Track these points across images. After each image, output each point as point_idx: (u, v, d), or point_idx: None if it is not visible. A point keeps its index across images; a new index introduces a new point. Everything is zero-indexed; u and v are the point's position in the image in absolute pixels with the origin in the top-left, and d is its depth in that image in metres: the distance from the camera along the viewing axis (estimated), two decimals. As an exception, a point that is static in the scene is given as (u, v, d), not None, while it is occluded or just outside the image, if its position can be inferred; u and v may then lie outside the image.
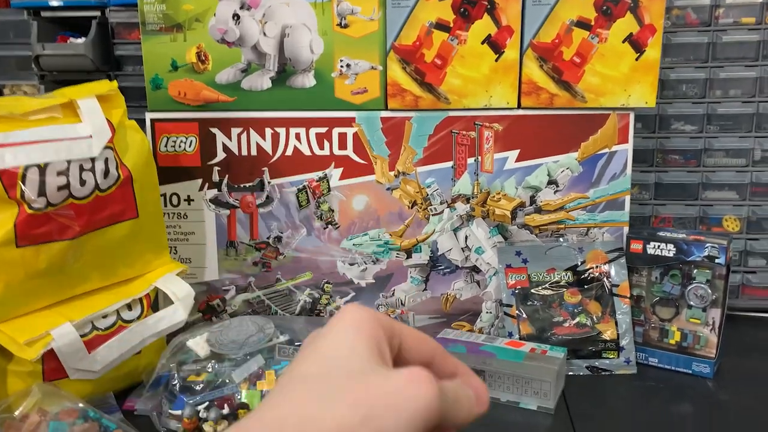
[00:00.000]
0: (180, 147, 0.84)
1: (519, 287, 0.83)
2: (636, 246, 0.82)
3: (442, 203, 0.85)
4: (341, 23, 0.81)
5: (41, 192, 0.63)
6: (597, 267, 0.83)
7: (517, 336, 0.81)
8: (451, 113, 0.82)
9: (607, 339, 0.80)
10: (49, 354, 0.65)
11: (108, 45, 0.96)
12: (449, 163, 0.84)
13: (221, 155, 0.84)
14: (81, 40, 0.94)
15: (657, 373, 0.81)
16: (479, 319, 0.87)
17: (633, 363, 0.80)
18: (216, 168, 0.84)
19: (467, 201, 0.85)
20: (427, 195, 0.84)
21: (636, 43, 0.79)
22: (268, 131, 0.83)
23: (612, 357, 0.80)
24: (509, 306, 0.83)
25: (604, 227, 0.85)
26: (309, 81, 0.82)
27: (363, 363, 0.29)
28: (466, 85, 0.81)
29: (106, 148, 0.68)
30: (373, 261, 0.86)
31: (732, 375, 0.79)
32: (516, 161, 0.83)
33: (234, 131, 0.84)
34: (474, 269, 0.86)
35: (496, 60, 0.80)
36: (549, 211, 0.84)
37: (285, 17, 0.81)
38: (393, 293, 0.87)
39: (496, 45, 0.80)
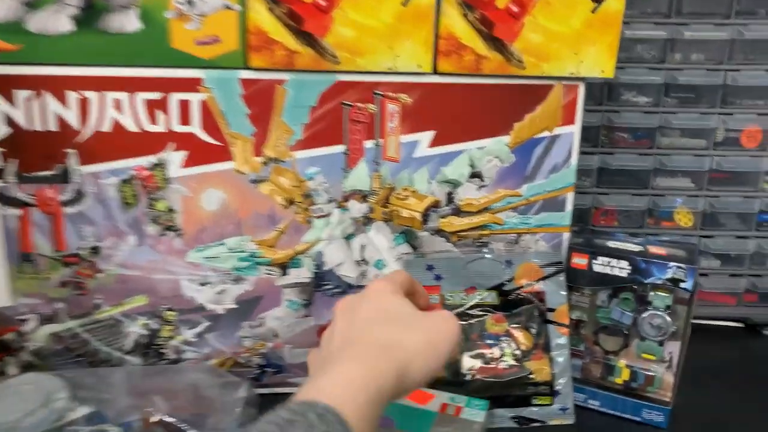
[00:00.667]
0: (-65, 116, 0.56)
1: (430, 313, 0.63)
2: (579, 261, 0.63)
3: (330, 202, 0.62)
4: (176, -63, 0.54)
5: None
6: (528, 285, 0.64)
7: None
8: (342, 77, 0.59)
9: (539, 381, 0.62)
10: None
11: None
12: (340, 148, 0.60)
13: (2, 130, 0.57)
14: None
15: (599, 421, 0.64)
16: (378, 351, 0.66)
17: (570, 411, 0.62)
18: (-5, 148, 0.57)
19: (364, 199, 0.62)
20: (309, 190, 0.61)
21: (593, -11, 0.58)
22: (71, 96, 0.57)
23: (544, 404, 0.62)
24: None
25: (539, 233, 0.65)
26: (131, 23, 0.55)
27: (410, 309, 0.42)
28: (361, 38, 0.57)
29: None
30: (234, 280, 0.63)
31: (689, 422, 0.63)
32: (430, 146, 0.61)
33: (19, 95, 0.56)
34: (371, 288, 0.65)
35: (403, 3, 0.56)
36: (471, 213, 0.64)
37: None
38: (263, 322, 0.64)
39: (403, -19, 0.56)
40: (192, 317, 0.63)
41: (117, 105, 0.57)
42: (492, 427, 0.60)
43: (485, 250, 0.65)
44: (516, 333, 0.63)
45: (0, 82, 0.56)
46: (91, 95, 0.57)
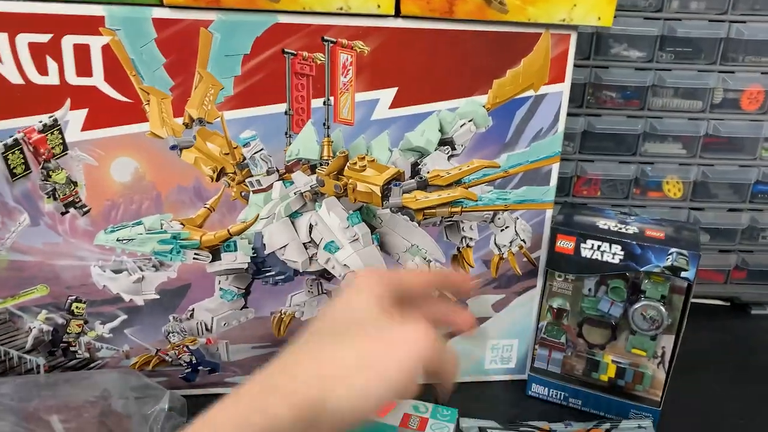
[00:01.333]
0: None
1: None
2: (565, 244, 0.54)
3: (270, 173, 0.51)
4: None
5: None
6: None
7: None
8: (282, 18, 0.47)
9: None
10: None
11: None
12: (282, 107, 0.49)
13: None
14: None
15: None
16: (330, 345, 0.57)
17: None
18: None
19: (312, 170, 0.52)
20: (244, 159, 0.50)
21: None
22: (-69, 36, 0.44)
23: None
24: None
25: (518, 210, 0.56)
26: (5, -59, 0.43)
27: (370, 318, 0.33)
28: (306, -30, 0.45)
29: None
30: (155, 266, 0.52)
31: (681, 424, 0.56)
32: (391, 107, 0.51)
33: None
34: (323, 275, 0.55)
35: (359, -75, 0.45)
36: (440, 187, 0.54)
37: None
38: (191, 314, 0.54)
39: None
40: (106, 309, 0.53)
41: (-6, 49, 0.45)
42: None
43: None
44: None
45: None
46: (-41, 36, 0.44)
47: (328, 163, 0.52)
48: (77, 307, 0.52)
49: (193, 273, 0.53)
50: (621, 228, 0.54)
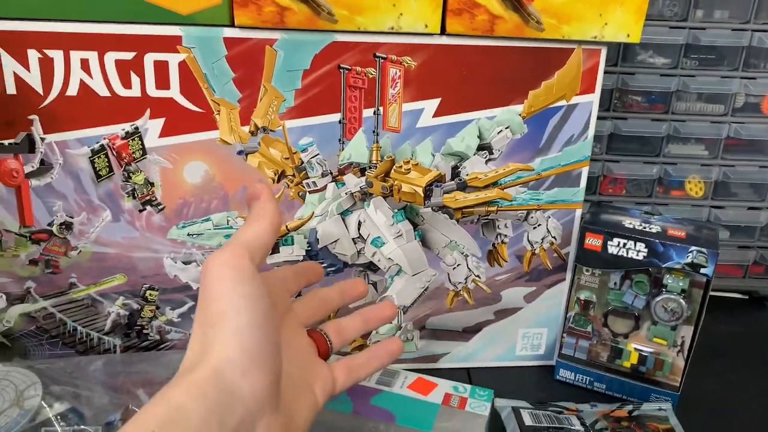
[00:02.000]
0: None
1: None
2: (593, 242, 0.59)
3: (324, 175, 0.57)
4: None
5: None
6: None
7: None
8: (339, 37, 0.52)
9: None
10: None
11: None
12: (336, 116, 0.55)
13: (-46, 92, 0.50)
14: None
15: (605, 405, 0.61)
16: (375, 332, 0.62)
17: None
18: (-53, 113, 0.51)
19: (362, 172, 0.57)
20: (302, 163, 0.56)
21: (624, -60, 0.51)
22: (33, 55, 0.50)
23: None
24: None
25: (550, 210, 0.61)
26: (98, -29, 0.48)
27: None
28: (361, -6, 0.50)
29: None
30: (221, 258, 0.58)
31: (699, 407, 0.60)
32: (435, 116, 0.56)
33: (-28, 52, 0.49)
34: (369, 267, 0.60)
35: (410, -46, 0.49)
36: (477, 188, 0.59)
37: None
38: (252, 301, 0.60)
39: (411, -72, 0.49)
40: (175, 297, 0.59)
41: (85, 66, 0.51)
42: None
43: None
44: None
45: (-52, 37, 0.49)
46: (55, 54, 0.50)
47: (376, 167, 0.57)
48: (150, 294, 0.58)
49: (254, 265, 0.58)
50: (645, 227, 0.58)
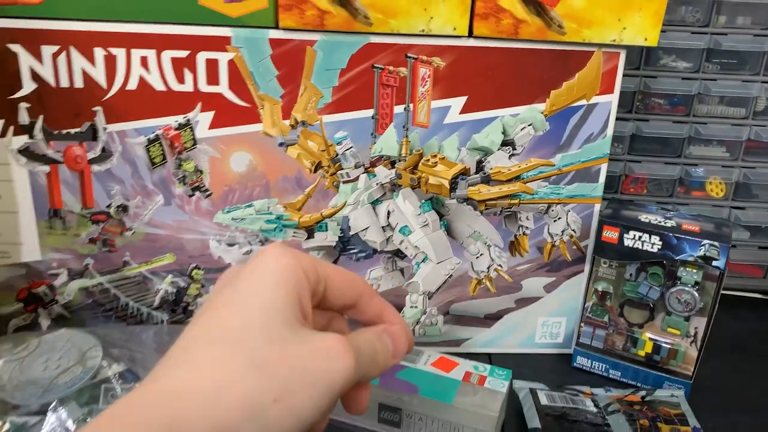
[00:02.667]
0: (-38, 70, 0.55)
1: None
2: (610, 234, 0.62)
3: (357, 167, 0.61)
4: None
5: None
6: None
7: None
8: (374, 39, 0.57)
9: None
10: None
11: None
12: (369, 112, 0.59)
13: (29, 86, 0.56)
14: None
15: (619, 392, 0.64)
16: (401, 315, 0.66)
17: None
18: (23, 105, 0.57)
19: (392, 165, 0.61)
20: (337, 155, 0.60)
21: (642, -50, 0.54)
22: (98, 53, 0.56)
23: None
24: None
25: (570, 204, 0.64)
26: (158, -23, 0.54)
27: (282, 325, 0.27)
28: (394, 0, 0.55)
29: None
30: (261, 241, 0.63)
31: (711, 396, 0.63)
32: (461, 112, 0.60)
33: (46, 50, 0.55)
34: (397, 254, 0.65)
35: (441, -38, 0.54)
36: (500, 182, 0.62)
37: None
38: (288, 283, 0.64)
39: (442, -61, 0.53)
40: (219, 276, 0.64)
41: (144, 63, 0.56)
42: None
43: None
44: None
45: (26, 36, 0.55)
46: (118, 52, 0.56)
47: (405, 160, 0.61)
48: (197, 273, 0.64)
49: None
50: (660, 221, 0.61)
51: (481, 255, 0.65)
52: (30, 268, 0.62)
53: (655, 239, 0.60)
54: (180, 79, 0.57)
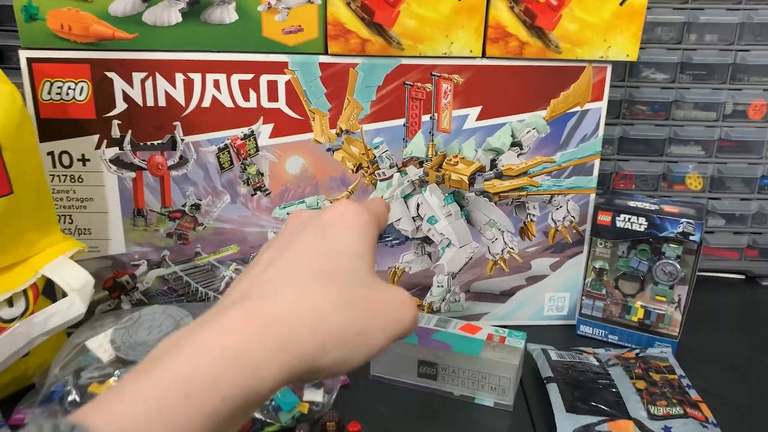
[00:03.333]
0: (68, 95, 0.67)
1: (475, 262, 0.74)
2: (604, 218, 0.74)
3: (391, 167, 0.73)
4: (269, -58, 0.64)
5: None
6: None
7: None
8: (405, 61, 0.69)
9: (568, 318, 0.74)
10: None
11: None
12: (401, 121, 0.71)
13: (121, 106, 0.68)
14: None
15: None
16: (429, 293, 0.78)
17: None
18: (116, 122, 0.68)
19: (420, 165, 0.73)
20: (375, 157, 0.72)
21: (621, -16, 0.67)
22: (179, 77, 0.68)
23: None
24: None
25: (569, 194, 0.76)
26: (229, 15, 0.66)
27: (366, 272, 0.30)
28: (423, 28, 0.67)
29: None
30: (311, 232, 0.74)
31: (694, 352, 0.74)
32: (477, 120, 0.72)
33: (136, 76, 0.67)
34: (425, 240, 0.76)
35: (459, -2, 0.66)
36: (511, 177, 0.75)
37: (196, -69, 0.63)
38: (333, 268, 0.76)
39: (460, -21, 0.66)
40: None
41: (216, 85, 0.68)
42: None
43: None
44: (548, 278, 0.74)
45: (120, 65, 0.67)
46: (195, 76, 0.68)
47: (431, 160, 0.73)
48: (256, 261, 0.75)
49: (336, 238, 0.75)
50: (646, 206, 0.73)
51: (496, 239, 0.76)
52: (115, 260, 0.73)
53: (642, 220, 0.72)
54: (246, 98, 0.69)
